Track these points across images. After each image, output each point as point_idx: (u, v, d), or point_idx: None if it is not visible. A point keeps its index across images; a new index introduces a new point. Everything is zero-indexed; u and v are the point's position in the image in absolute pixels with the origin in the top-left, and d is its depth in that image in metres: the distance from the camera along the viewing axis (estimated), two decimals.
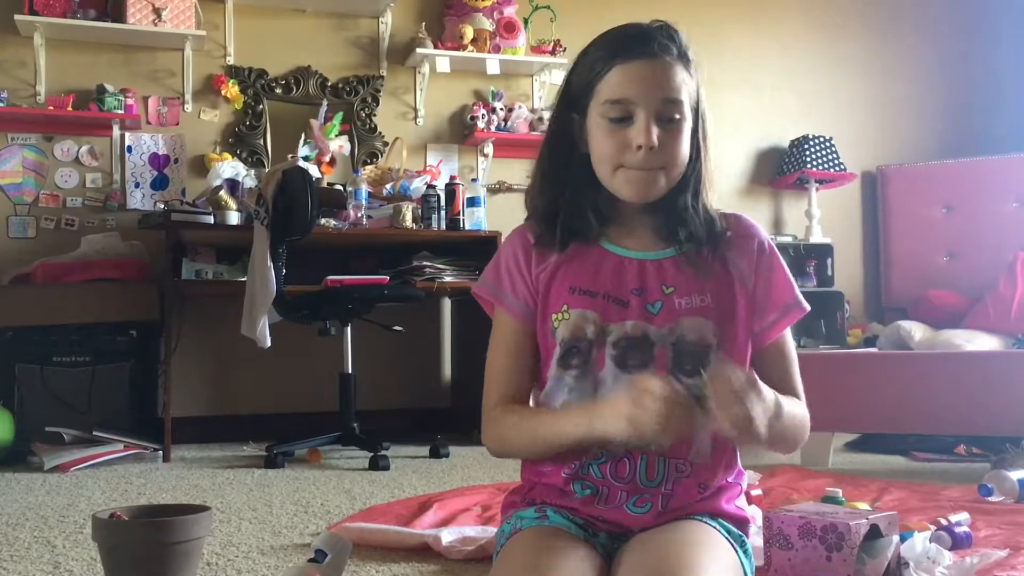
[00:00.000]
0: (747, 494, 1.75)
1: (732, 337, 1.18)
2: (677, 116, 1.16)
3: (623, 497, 1.16)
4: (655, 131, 1.13)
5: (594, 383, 1.16)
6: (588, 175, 1.21)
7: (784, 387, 1.21)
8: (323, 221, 3.50)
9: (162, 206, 3.69)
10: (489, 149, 4.33)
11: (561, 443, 1.15)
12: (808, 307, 1.24)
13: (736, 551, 1.15)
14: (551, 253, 1.21)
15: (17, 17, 3.69)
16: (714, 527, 1.15)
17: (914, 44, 5.03)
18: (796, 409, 1.18)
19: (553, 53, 4.31)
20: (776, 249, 1.25)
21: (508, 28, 4.28)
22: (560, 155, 1.23)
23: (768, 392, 1.06)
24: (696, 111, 1.19)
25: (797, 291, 1.23)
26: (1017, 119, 4.99)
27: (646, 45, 1.15)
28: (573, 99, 1.21)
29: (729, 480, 1.22)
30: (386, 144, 4.20)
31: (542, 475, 1.22)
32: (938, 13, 5.07)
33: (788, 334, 1.25)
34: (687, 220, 1.20)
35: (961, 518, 1.85)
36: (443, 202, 3.74)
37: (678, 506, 1.16)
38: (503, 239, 3.61)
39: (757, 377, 1.06)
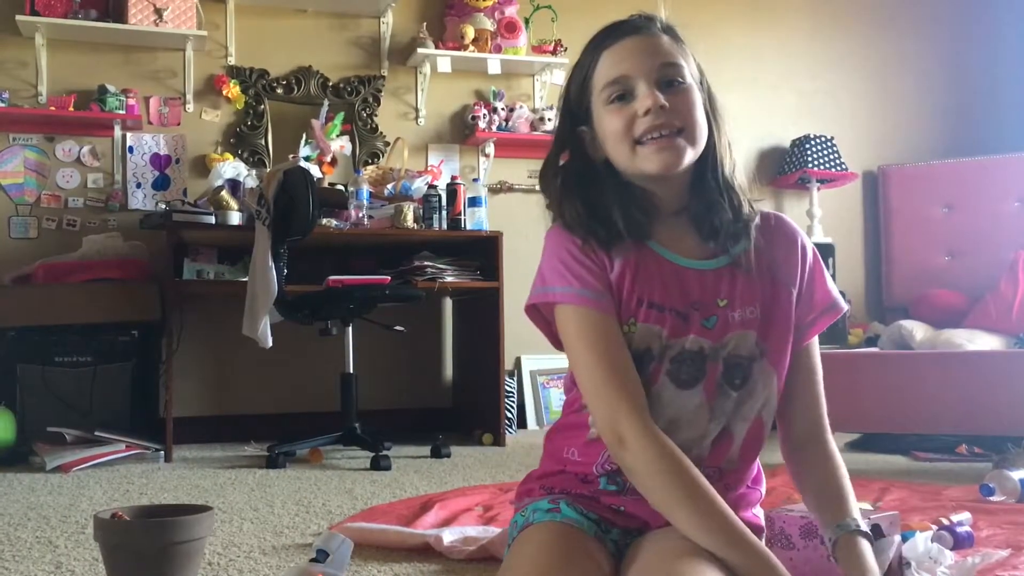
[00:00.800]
0: None
1: (775, 347, 1.18)
2: (679, 79, 1.15)
3: None
4: (659, 95, 1.12)
5: (647, 398, 1.12)
6: (613, 181, 1.19)
7: (812, 410, 1.22)
8: (324, 221, 3.50)
9: (163, 206, 3.70)
10: (490, 149, 4.33)
11: (720, 556, 1.03)
12: (845, 307, 1.24)
13: None
14: (603, 255, 1.16)
15: (18, 18, 3.69)
16: None
17: (914, 44, 5.02)
18: (852, 492, 1.18)
19: (554, 53, 4.31)
20: (816, 250, 1.25)
21: (509, 28, 4.28)
22: (577, 167, 1.20)
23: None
24: (702, 86, 1.18)
25: (835, 291, 1.24)
26: (1017, 119, 4.98)
27: (626, 26, 1.17)
28: (575, 108, 1.21)
29: (748, 487, 1.22)
30: (387, 144, 4.20)
31: (567, 463, 1.21)
32: (938, 13, 5.07)
33: (817, 351, 1.24)
34: (720, 207, 1.17)
35: (963, 518, 1.85)
36: (444, 202, 3.74)
37: None
38: (501, 239, 3.65)
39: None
